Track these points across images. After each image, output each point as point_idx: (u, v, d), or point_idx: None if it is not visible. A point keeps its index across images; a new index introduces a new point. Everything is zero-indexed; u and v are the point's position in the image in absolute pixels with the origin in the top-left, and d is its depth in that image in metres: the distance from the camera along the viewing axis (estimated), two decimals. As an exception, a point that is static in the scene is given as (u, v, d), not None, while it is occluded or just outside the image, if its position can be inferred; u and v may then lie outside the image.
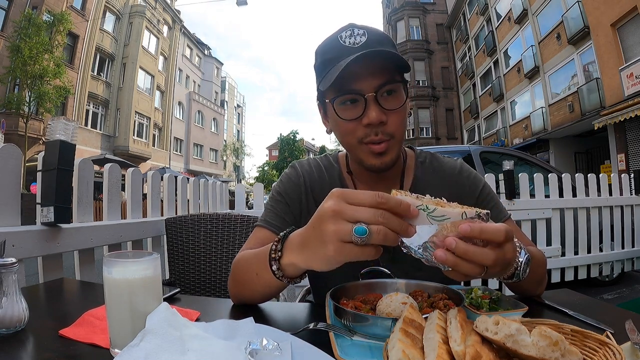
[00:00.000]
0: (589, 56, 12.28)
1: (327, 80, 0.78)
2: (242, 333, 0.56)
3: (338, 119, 0.80)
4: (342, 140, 0.86)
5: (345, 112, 0.79)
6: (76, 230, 1.36)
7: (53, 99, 13.46)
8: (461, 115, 24.32)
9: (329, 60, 0.80)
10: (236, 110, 42.67)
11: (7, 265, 0.62)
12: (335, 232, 0.49)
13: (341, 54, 0.77)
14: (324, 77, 0.80)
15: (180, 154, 26.87)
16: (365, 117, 0.77)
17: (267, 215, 0.92)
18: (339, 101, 0.79)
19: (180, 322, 0.53)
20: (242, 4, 17.28)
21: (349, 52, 0.76)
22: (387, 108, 0.77)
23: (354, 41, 0.78)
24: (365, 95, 0.76)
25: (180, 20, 26.48)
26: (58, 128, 1.22)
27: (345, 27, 0.81)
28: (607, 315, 0.69)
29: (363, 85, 0.77)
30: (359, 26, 0.80)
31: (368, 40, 0.78)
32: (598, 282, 3.70)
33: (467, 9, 22.32)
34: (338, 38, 0.79)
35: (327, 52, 0.81)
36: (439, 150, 5.40)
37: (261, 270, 0.65)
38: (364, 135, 0.79)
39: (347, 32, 0.79)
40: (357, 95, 0.77)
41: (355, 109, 0.78)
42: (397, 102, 0.79)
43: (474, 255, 0.48)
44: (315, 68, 0.85)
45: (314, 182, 0.94)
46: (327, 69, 0.80)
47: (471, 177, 0.94)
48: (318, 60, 0.84)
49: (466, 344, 0.42)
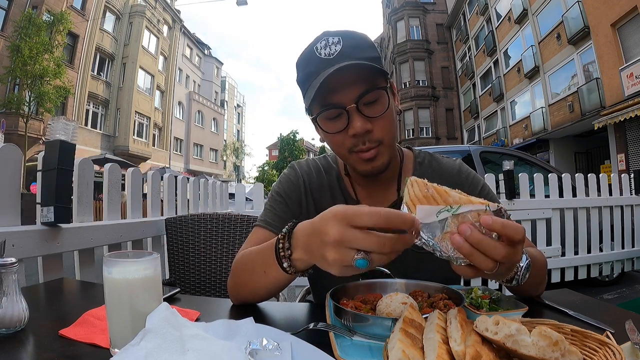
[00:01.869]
0: (589, 56, 12.28)
1: (308, 97, 0.78)
2: (242, 333, 0.56)
3: (325, 133, 0.81)
4: (334, 151, 0.88)
5: (330, 126, 0.79)
6: (76, 230, 1.36)
7: (53, 99, 13.44)
8: (461, 115, 24.31)
9: (308, 74, 0.79)
10: (236, 110, 42.65)
11: (7, 265, 0.62)
12: (337, 260, 0.51)
13: (318, 67, 0.77)
14: (306, 93, 0.81)
15: (180, 153, 26.86)
16: (350, 128, 0.77)
17: (266, 215, 0.92)
18: (322, 116, 0.79)
19: (180, 322, 0.53)
20: (242, 3, 17.28)
21: (325, 64, 0.76)
22: (370, 116, 0.77)
23: (328, 52, 0.76)
24: (347, 107, 0.76)
25: (180, 20, 26.47)
26: (58, 128, 1.22)
27: (320, 36, 0.79)
28: (607, 315, 0.69)
29: (343, 98, 0.76)
30: (332, 33, 0.78)
31: (343, 48, 0.76)
32: (598, 282, 3.70)
33: (467, 9, 22.31)
34: (314, 50, 0.78)
35: (305, 65, 0.80)
36: (439, 150, 5.40)
37: (269, 268, 0.66)
38: (352, 145, 0.79)
39: (322, 43, 0.78)
40: (338, 108, 0.77)
41: (339, 121, 0.78)
42: (381, 108, 0.78)
43: (487, 246, 0.48)
44: (298, 82, 0.85)
45: (313, 183, 0.95)
46: (307, 84, 0.80)
47: (470, 177, 0.95)
48: (299, 75, 0.83)
49: (466, 344, 0.42)
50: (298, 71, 0.84)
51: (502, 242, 0.49)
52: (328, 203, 0.93)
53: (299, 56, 0.83)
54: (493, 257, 0.49)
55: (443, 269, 0.86)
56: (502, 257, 0.49)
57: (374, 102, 0.78)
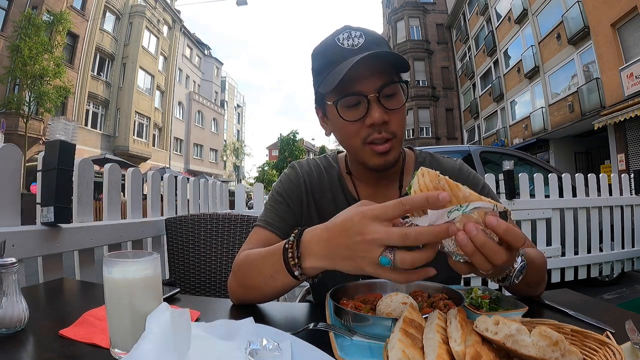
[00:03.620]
0: (589, 56, 12.28)
1: (328, 82, 0.78)
2: (242, 333, 0.56)
3: (340, 120, 0.81)
4: (345, 142, 0.87)
5: (348, 114, 0.80)
6: (76, 230, 1.36)
7: (53, 99, 13.44)
8: (461, 115, 24.31)
9: (328, 62, 0.80)
10: (236, 110, 42.65)
11: (7, 265, 0.62)
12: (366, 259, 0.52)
13: (341, 57, 0.78)
14: (324, 80, 0.81)
15: (180, 154, 26.86)
16: (368, 117, 0.78)
17: (267, 215, 0.91)
18: (341, 103, 0.80)
19: (179, 323, 0.53)
20: (242, 3, 17.28)
21: (349, 54, 0.77)
22: (389, 108, 0.78)
23: (352, 43, 0.79)
24: (368, 96, 0.77)
25: (180, 20, 26.48)
26: (58, 128, 1.22)
27: (342, 29, 0.81)
28: (607, 315, 0.69)
29: (365, 87, 0.77)
30: (354, 28, 0.81)
31: (366, 41, 0.79)
32: (598, 282, 3.70)
33: (467, 9, 22.32)
34: (336, 40, 0.80)
35: (326, 54, 0.81)
36: (439, 150, 5.40)
37: (276, 274, 0.66)
38: (367, 135, 0.80)
39: (345, 35, 0.80)
40: (359, 96, 0.78)
41: (357, 110, 0.79)
42: (398, 102, 0.80)
43: (490, 250, 0.48)
44: (314, 71, 0.86)
45: (314, 183, 0.95)
46: (327, 71, 0.80)
47: (470, 177, 0.95)
48: (317, 63, 0.84)
49: (466, 344, 0.42)
50: (315, 60, 0.85)
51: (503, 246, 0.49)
52: (329, 203, 0.93)
53: (317, 46, 0.84)
54: (493, 261, 0.49)
55: (443, 273, 0.87)
56: (503, 263, 0.49)
57: (393, 95, 0.80)
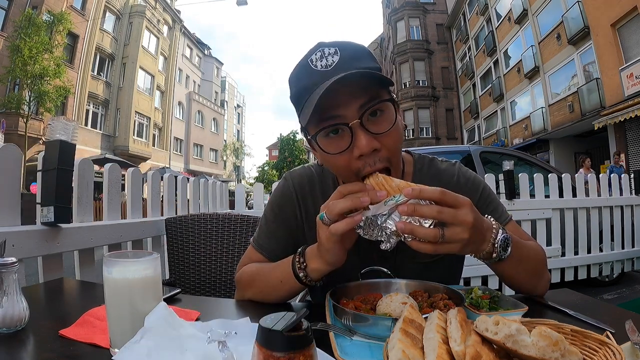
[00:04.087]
0: (589, 56, 12.27)
1: (304, 114, 0.69)
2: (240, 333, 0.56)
3: (325, 154, 0.71)
4: (339, 175, 0.83)
5: (331, 146, 0.70)
6: (76, 230, 1.36)
7: (53, 99, 13.44)
8: (461, 115, 24.30)
9: (302, 89, 0.71)
10: (236, 110, 42.65)
11: (7, 264, 0.62)
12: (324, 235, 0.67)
13: (314, 81, 0.69)
14: (301, 111, 0.72)
15: (180, 154, 26.86)
16: (355, 147, 0.67)
17: (259, 236, 0.92)
18: (322, 135, 0.70)
19: (177, 322, 0.54)
20: (242, 3, 17.28)
21: (322, 77, 0.68)
22: (376, 132, 0.68)
23: (325, 63, 0.69)
24: (350, 123, 0.67)
25: (180, 20, 26.47)
26: (58, 128, 1.22)
27: (314, 48, 0.72)
28: (607, 315, 0.69)
29: (344, 112, 0.67)
30: (328, 44, 0.71)
31: (340, 58, 0.69)
32: (598, 282, 3.70)
33: (467, 9, 22.31)
34: (309, 63, 0.70)
35: (299, 80, 0.73)
36: (439, 150, 5.40)
37: (286, 279, 0.76)
38: (360, 168, 0.69)
39: (317, 55, 0.70)
40: (340, 125, 0.68)
41: (341, 139, 0.69)
42: (387, 123, 0.69)
43: (421, 210, 0.58)
44: (291, 99, 0.77)
45: (306, 197, 0.92)
46: (302, 100, 0.71)
47: (469, 184, 0.92)
48: (293, 91, 0.75)
49: (466, 344, 0.42)
50: (291, 87, 0.76)
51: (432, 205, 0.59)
52: None
53: (292, 71, 0.75)
54: (430, 216, 0.58)
55: (443, 273, 0.87)
56: (436, 214, 0.57)
57: (380, 116, 0.70)
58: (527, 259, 0.73)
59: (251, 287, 0.85)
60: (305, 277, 0.74)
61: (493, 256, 0.66)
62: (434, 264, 0.85)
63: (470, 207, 0.60)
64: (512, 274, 0.74)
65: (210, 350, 0.49)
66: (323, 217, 0.66)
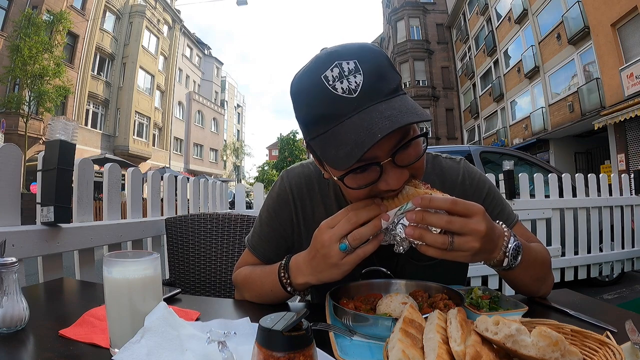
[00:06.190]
0: (589, 56, 12.27)
1: (330, 156, 0.59)
2: (239, 332, 0.56)
3: (348, 189, 0.64)
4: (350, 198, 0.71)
5: (357, 182, 0.62)
6: (76, 230, 1.36)
7: (53, 99, 13.44)
8: (461, 115, 24.30)
9: (321, 117, 0.60)
10: (236, 110, 42.65)
11: (7, 264, 0.62)
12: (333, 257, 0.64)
13: (340, 112, 0.58)
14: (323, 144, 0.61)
15: (180, 153, 26.86)
16: (382, 182, 0.62)
17: (253, 238, 0.92)
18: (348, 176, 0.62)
19: (177, 322, 0.54)
20: (242, 3, 17.28)
21: (349, 107, 0.57)
22: (406, 165, 0.62)
23: (348, 87, 0.57)
24: (381, 162, 0.60)
25: (180, 20, 26.47)
26: (58, 128, 1.22)
27: (327, 60, 0.59)
28: (607, 315, 0.69)
29: (377, 153, 0.59)
30: (344, 56, 0.59)
31: (365, 80, 0.58)
32: (598, 282, 3.70)
33: (467, 9, 22.30)
34: (323, 81, 0.58)
35: (314, 102, 0.60)
36: (439, 150, 5.38)
37: (275, 289, 0.77)
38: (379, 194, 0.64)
39: (335, 72, 0.58)
40: (372, 165, 0.61)
41: (368, 175, 0.62)
42: (416, 152, 0.63)
43: (430, 219, 0.57)
44: (299, 119, 0.65)
45: (304, 199, 0.88)
46: (320, 128, 0.61)
47: (474, 184, 0.90)
48: (303, 111, 0.63)
49: (466, 344, 0.42)
50: (299, 103, 0.64)
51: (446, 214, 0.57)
52: (320, 214, 0.87)
53: (300, 82, 0.63)
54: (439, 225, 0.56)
55: (446, 274, 0.86)
56: (446, 223, 0.56)
57: (409, 148, 0.62)
58: (535, 264, 0.72)
59: (247, 290, 0.86)
60: (293, 291, 0.75)
61: (504, 265, 0.65)
62: (435, 266, 0.84)
63: (483, 215, 0.58)
64: (519, 279, 0.74)
65: (210, 350, 0.49)
66: (346, 247, 0.62)
